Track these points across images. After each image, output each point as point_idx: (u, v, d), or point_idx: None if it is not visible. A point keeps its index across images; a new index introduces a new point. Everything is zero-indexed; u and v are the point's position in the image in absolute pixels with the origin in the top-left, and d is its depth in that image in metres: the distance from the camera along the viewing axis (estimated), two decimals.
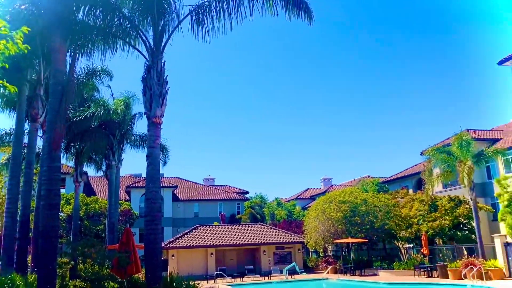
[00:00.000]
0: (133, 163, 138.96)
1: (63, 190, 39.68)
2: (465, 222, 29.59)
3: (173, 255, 35.21)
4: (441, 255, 29.92)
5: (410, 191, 37.77)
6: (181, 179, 57.19)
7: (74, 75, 16.14)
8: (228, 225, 41.57)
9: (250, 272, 33.78)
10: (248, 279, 31.52)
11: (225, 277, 31.48)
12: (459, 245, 28.84)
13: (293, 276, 32.19)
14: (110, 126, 27.74)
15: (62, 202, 33.31)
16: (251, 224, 42.34)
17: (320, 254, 42.14)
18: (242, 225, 41.57)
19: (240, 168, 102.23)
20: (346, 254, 36.28)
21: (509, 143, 31.36)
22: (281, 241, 37.26)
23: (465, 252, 27.89)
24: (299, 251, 38.18)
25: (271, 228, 40.32)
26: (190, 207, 52.24)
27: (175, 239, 36.32)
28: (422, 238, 28.61)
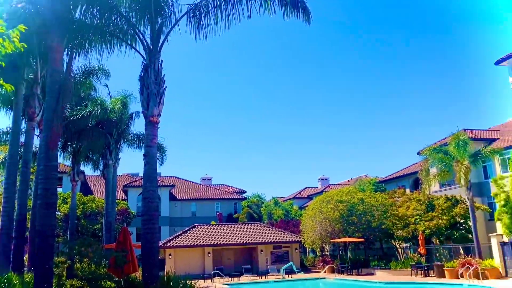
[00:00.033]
0: (130, 162, 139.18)
1: (60, 189, 39.60)
2: (461, 221, 29.68)
3: (170, 255, 35.19)
4: (438, 255, 30.00)
5: (407, 191, 37.85)
6: (178, 179, 57.15)
7: (71, 74, 16.10)
8: (225, 224, 41.55)
9: (247, 271, 33.80)
10: (245, 279, 31.55)
11: (222, 276, 31.49)
12: (456, 244, 28.92)
13: (290, 275, 32.23)
14: (107, 125, 27.69)
15: (59, 201, 33.29)
16: (249, 223, 42.36)
17: (317, 253, 42.22)
18: (240, 224, 41.56)
19: (237, 167, 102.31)
20: (343, 253, 36.34)
21: (506, 143, 31.45)
22: (278, 240, 37.30)
23: (461, 251, 27.99)
24: (296, 251, 38.21)
25: (269, 227, 40.33)
26: (188, 207, 52.19)
27: (172, 239, 36.29)
28: (419, 238, 28.69)
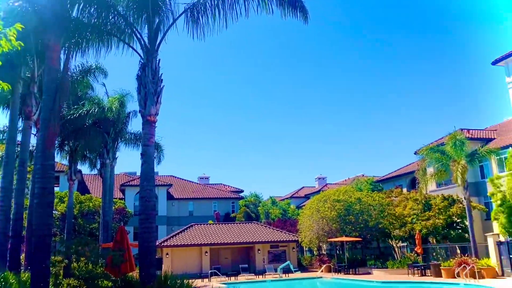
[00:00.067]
0: (127, 162, 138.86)
1: (57, 188, 39.52)
2: (458, 221, 29.74)
3: (167, 254, 35.17)
4: (434, 254, 30.06)
5: (404, 190, 37.91)
6: (175, 178, 57.10)
7: (69, 73, 16.10)
8: (222, 223, 41.52)
9: (245, 270, 33.80)
10: (242, 278, 31.54)
11: (219, 275, 31.50)
12: (453, 244, 28.99)
13: (287, 274, 32.26)
14: (105, 124, 27.66)
15: (56, 200, 33.19)
16: (246, 222, 42.36)
17: (314, 252, 42.28)
18: (237, 223, 41.57)
19: (235, 166, 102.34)
20: (340, 252, 36.39)
21: (502, 143, 31.53)
22: (275, 239, 37.31)
23: (458, 251, 28.06)
24: (294, 250, 38.23)
25: (266, 226, 40.34)
26: (185, 206, 52.15)
27: (170, 238, 36.26)
28: (416, 237, 28.75)
